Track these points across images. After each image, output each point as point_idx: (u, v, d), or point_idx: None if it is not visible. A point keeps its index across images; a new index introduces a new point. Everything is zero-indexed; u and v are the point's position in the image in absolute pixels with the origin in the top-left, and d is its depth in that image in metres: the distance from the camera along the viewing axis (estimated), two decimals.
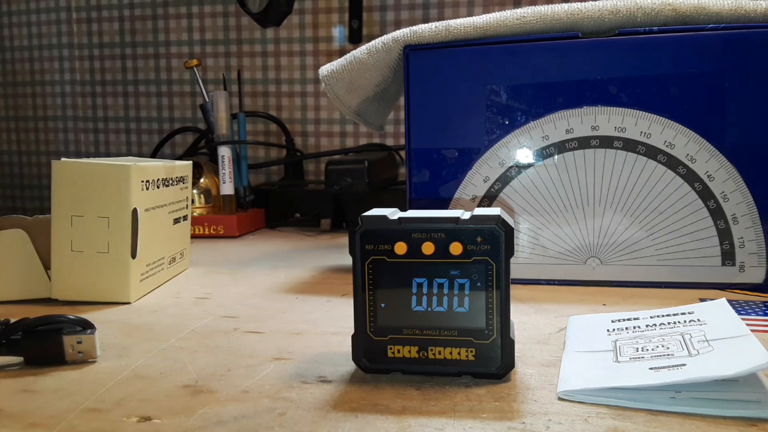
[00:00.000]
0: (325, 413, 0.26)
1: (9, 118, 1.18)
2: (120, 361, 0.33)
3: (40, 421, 0.26)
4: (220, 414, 0.26)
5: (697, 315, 0.33)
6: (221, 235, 0.76)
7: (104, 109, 1.12)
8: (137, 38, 1.08)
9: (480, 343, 0.29)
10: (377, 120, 0.60)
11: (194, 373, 0.31)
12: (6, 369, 0.32)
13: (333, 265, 0.58)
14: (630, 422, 0.25)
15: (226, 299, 0.46)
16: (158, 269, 0.49)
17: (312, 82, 1.00)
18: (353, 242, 0.30)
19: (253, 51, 1.03)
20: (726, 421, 0.24)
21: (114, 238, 0.44)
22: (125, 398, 0.28)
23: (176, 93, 1.08)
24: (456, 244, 0.29)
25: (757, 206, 0.44)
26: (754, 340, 0.28)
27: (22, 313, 0.35)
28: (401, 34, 0.49)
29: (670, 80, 0.45)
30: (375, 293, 0.30)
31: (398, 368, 0.30)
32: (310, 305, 0.44)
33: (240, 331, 0.38)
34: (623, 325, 0.34)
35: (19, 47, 1.15)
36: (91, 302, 0.44)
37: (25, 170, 1.19)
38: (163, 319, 0.41)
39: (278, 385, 0.29)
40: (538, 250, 0.48)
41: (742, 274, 0.45)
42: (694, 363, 0.27)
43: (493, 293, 0.28)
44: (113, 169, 0.44)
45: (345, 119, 0.99)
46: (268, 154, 1.04)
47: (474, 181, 0.48)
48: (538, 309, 0.41)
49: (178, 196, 0.53)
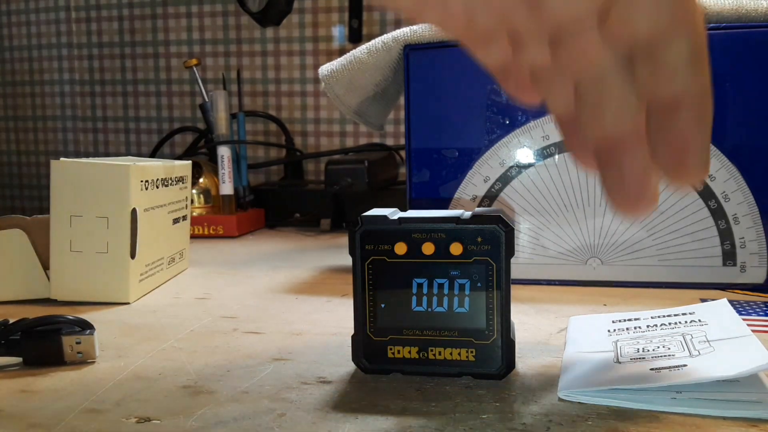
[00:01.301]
0: (325, 414, 0.26)
1: (8, 118, 1.18)
2: (119, 361, 0.33)
3: (39, 422, 0.26)
4: (219, 414, 0.26)
5: (698, 315, 0.33)
6: (221, 235, 0.76)
7: (103, 109, 1.12)
8: (136, 38, 1.08)
9: (480, 343, 0.29)
10: (377, 120, 0.60)
11: (194, 373, 0.31)
12: (5, 369, 0.32)
13: (333, 265, 0.58)
14: (631, 423, 0.24)
15: (226, 299, 0.46)
16: (157, 269, 0.49)
17: (312, 81, 1.00)
18: (353, 242, 0.29)
19: (253, 50, 1.03)
20: (727, 421, 0.24)
21: (113, 238, 0.44)
22: (124, 399, 0.28)
23: (176, 93, 1.08)
24: (456, 244, 0.28)
25: (758, 206, 0.44)
26: (755, 340, 0.28)
27: (21, 314, 0.35)
28: (401, 34, 0.49)
29: None
30: (375, 293, 0.29)
31: (398, 369, 0.30)
32: (310, 305, 0.44)
33: (239, 331, 0.38)
34: (624, 325, 0.34)
35: (18, 47, 1.15)
36: (90, 302, 0.44)
37: (23, 170, 1.18)
38: (163, 319, 0.41)
39: (278, 386, 0.29)
40: (539, 250, 0.48)
41: (743, 274, 0.45)
42: (695, 363, 0.27)
43: (493, 293, 0.28)
44: (112, 169, 0.43)
45: (345, 119, 0.99)
46: (267, 153, 1.04)
47: (474, 181, 0.48)
48: (539, 309, 0.41)
49: (177, 196, 0.53)
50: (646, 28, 0.22)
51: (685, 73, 0.22)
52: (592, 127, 0.24)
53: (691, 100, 0.23)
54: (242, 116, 0.83)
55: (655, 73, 0.23)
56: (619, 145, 0.24)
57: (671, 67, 0.22)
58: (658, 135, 0.24)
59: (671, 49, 0.22)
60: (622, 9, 0.22)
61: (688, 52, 0.22)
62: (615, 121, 0.24)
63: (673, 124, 0.23)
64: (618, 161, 0.24)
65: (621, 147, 0.24)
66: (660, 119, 0.23)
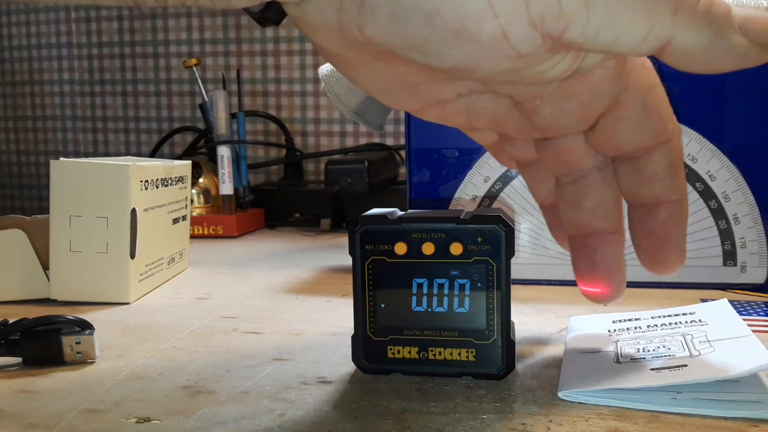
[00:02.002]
0: (325, 414, 0.26)
1: (7, 118, 1.18)
2: (119, 361, 0.33)
3: (39, 422, 0.25)
4: (219, 415, 0.26)
5: (698, 315, 0.33)
6: (220, 235, 0.76)
7: (103, 109, 1.12)
8: (136, 37, 1.08)
9: (480, 343, 0.29)
10: (377, 120, 0.60)
11: (193, 373, 0.31)
12: (4, 369, 0.32)
13: (333, 265, 0.58)
14: (631, 423, 0.24)
15: (226, 299, 0.46)
16: (157, 269, 0.49)
17: (312, 81, 1.00)
18: (353, 242, 0.29)
19: (253, 50, 1.03)
20: (727, 421, 0.24)
21: (113, 238, 0.44)
22: (124, 399, 0.28)
23: (175, 92, 1.08)
24: (456, 244, 0.28)
25: (758, 206, 0.44)
26: (755, 340, 0.28)
27: (21, 314, 0.35)
28: None
29: (671, 80, 0.44)
30: (375, 293, 0.29)
31: (398, 369, 0.30)
32: (310, 305, 0.43)
33: (239, 331, 0.38)
34: (624, 325, 0.34)
35: (17, 46, 1.15)
36: (90, 302, 0.44)
37: (23, 170, 1.18)
38: (162, 319, 0.41)
39: (278, 386, 0.29)
40: (539, 250, 0.48)
41: (744, 274, 0.45)
42: (695, 364, 0.27)
43: (493, 293, 0.28)
44: (112, 169, 0.43)
45: (345, 119, 0.99)
46: (267, 153, 1.04)
47: (474, 180, 0.48)
48: (539, 309, 0.41)
49: (177, 196, 0.53)
50: (631, 144, 0.24)
51: (665, 179, 0.25)
52: (569, 218, 0.27)
53: (670, 201, 0.25)
54: (242, 116, 0.83)
55: (636, 177, 0.25)
56: (593, 236, 0.26)
57: (652, 174, 0.25)
58: (639, 229, 0.26)
59: (652, 159, 0.25)
60: (610, 124, 0.24)
61: (667, 161, 0.25)
62: (590, 216, 0.26)
63: (654, 220, 0.25)
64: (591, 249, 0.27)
65: (595, 238, 0.26)
66: (641, 215, 0.26)
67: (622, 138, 0.24)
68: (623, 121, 0.24)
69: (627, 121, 0.24)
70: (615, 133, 0.24)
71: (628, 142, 0.24)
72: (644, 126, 0.24)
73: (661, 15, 0.18)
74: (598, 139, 0.24)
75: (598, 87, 0.22)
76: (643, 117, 0.24)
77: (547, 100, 0.23)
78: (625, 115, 0.23)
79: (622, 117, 0.23)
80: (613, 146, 0.24)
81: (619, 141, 0.24)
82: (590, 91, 0.22)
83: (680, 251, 0.26)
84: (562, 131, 0.24)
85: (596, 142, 0.25)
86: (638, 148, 0.24)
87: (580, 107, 0.23)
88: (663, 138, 0.24)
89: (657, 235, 0.26)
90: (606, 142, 0.24)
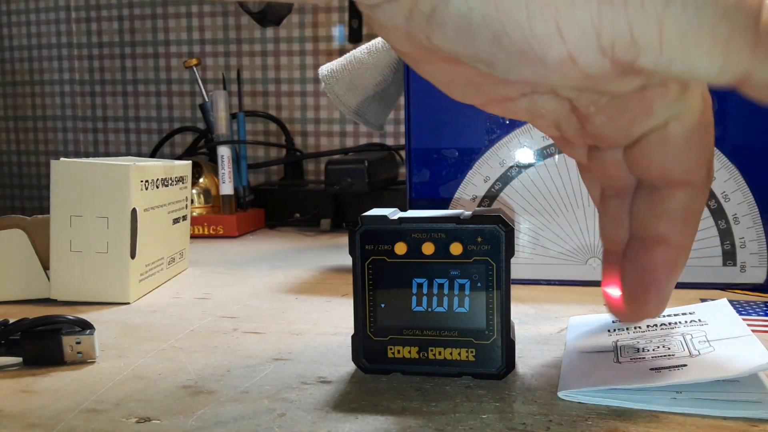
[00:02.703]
0: (325, 414, 0.26)
1: (8, 118, 1.18)
2: (119, 361, 0.33)
3: (39, 422, 0.26)
4: (219, 415, 0.26)
5: (698, 315, 0.33)
6: (221, 235, 0.76)
7: (103, 109, 1.12)
8: (136, 38, 1.08)
9: (480, 343, 0.29)
10: (377, 120, 0.60)
11: (193, 373, 0.31)
12: (5, 369, 0.32)
13: (333, 265, 0.58)
14: (631, 422, 0.24)
15: (226, 299, 0.46)
16: (157, 269, 0.49)
17: (312, 81, 1.00)
18: (353, 242, 0.29)
19: (253, 50, 1.03)
20: (727, 421, 0.24)
21: (113, 238, 0.44)
22: (124, 399, 0.28)
23: (176, 93, 1.08)
24: (456, 244, 0.28)
25: (758, 206, 0.44)
26: (755, 340, 0.28)
27: (21, 314, 0.35)
28: None
29: None
30: (375, 293, 0.29)
31: (398, 369, 0.30)
32: (310, 305, 0.44)
33: (239, 331, 0.38)
34: (624, 325, 0.34)
35: (18, 47, 1.15)
36: (90, 302, 0.44)
37: (24, 170, 1.18)
38: (163, 319, 0.41)
39: (278, 386, 0.29)
40: (539, 250, 0.48)
41: (743, 274, 0.45)
42: (695, 363, 0.27)
43: (493, 293, 0.28)
44: (112, 169, 0.43)
45: (345, 119, 0.99)
46: (267, 153, 1.04)
47: (474, 180, 0.48)
48: (539, 309, 0.41)
49: (177, 196, 0.53)
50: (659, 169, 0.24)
51: (677, 220, 0.24)
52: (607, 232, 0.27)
53: (671, 247, 0.25)
54: (242, 116, 0.83)
55: (650, 208, 0.25)
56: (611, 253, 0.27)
57: (666, 210, 0.24)
58: (631, 262, 0.26)
59: (673, 195, 0.24)
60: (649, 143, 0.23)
61: (686, 204, 0.24)
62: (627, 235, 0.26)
63: (648, 258, 0.25)
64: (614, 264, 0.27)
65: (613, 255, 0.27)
66: (638, 249, 0.25)
67: (654, 160, 0.24)
68: (662, 144, 0.23)
69: (666, 145, 0.23)
70: (650, 153, 0.23)
71: (657, 166, 0.24)
72: (680, 158, 0.23)
73: (739, 49, 0.18)
74: (633, 155, 0.24)
75: (654, 106, 0.22)
76: (683, 148, 0.23)
77: (601, 109, 0.22)
78: (666, 139, 0.23)
79: (662, 139, 0.23)
80: (643, 166, 0.24)
81: (650, 162, 0.24)
82: (644, 108, 0.22)
83: (661, 299, 0.25)
84: (608, 142, 0.24)
85: (629, 157, 0.24)
86: (665, 177, 0.24)
87: (630, 121, 0.23)
88: (693, 178, 0.24)
89: (646, 274, 0.25)
90: (638, 159, 0.24)
